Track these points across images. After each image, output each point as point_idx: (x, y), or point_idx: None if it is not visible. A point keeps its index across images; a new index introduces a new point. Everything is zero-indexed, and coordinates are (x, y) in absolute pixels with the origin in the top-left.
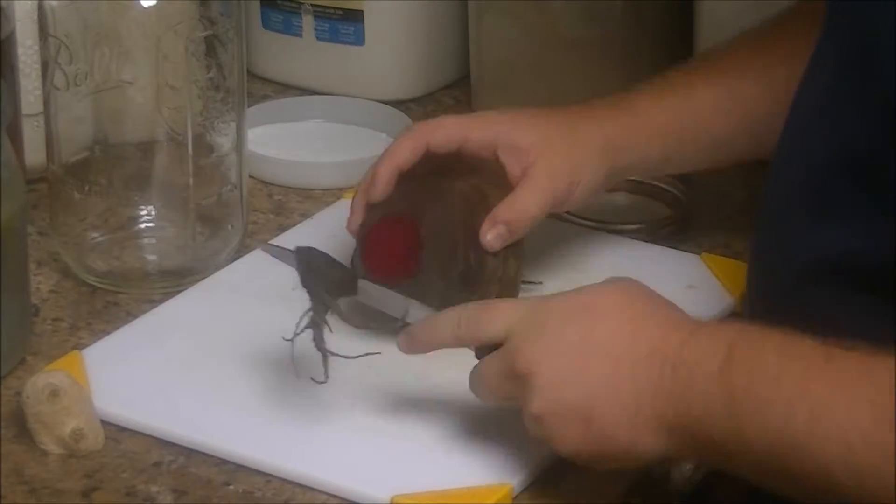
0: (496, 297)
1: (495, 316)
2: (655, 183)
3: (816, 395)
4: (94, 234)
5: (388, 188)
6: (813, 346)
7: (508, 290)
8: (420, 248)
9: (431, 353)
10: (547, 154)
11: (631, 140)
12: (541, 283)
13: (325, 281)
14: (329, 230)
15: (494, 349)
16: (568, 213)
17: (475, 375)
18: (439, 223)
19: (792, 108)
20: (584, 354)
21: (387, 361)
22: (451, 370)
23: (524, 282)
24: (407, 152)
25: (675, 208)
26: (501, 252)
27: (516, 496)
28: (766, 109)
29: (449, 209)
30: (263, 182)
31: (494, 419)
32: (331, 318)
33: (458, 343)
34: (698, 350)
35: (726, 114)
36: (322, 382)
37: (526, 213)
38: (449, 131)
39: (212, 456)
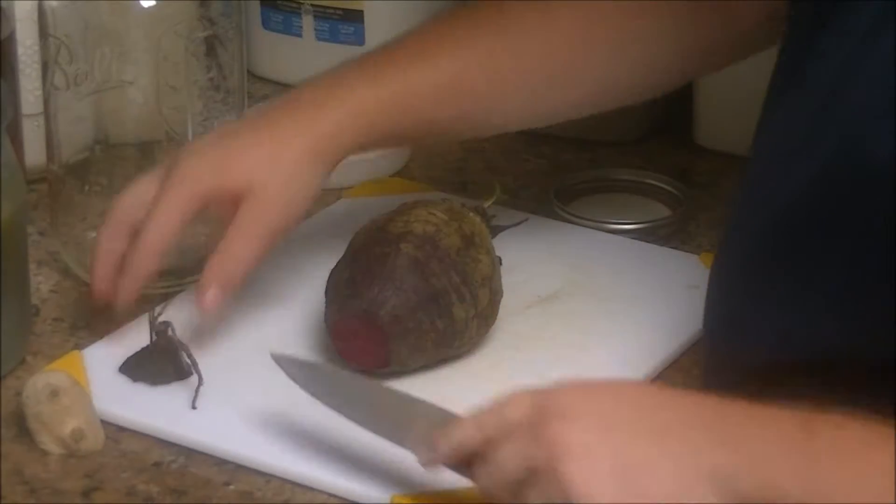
0: (475, 333)
1: (514, 399)
2: (655, 183)
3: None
4: (94, 234)
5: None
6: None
7: (486, 318)
8: (386, 342)
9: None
10: (256, 191)
11: (347, 134)
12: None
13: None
14: (329, 230)
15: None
16: (568, 212)
17: (487, 471)
18: (397, 308)
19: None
20: (617, 412)
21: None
22: (451, 370)
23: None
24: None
25: (675, 208)
26: (467, 292)
27: None
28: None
29: (400, 288)
30: None
31: None
32: None
33: (483, 436)
34: (768, 416)
35: (446, 102)
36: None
37: (238, 270)
38: (163, 233)
39: (212, 456)
